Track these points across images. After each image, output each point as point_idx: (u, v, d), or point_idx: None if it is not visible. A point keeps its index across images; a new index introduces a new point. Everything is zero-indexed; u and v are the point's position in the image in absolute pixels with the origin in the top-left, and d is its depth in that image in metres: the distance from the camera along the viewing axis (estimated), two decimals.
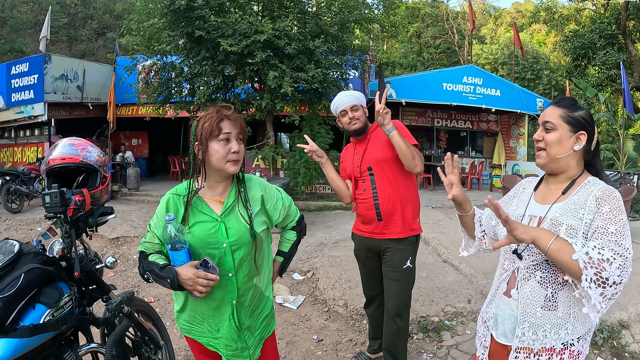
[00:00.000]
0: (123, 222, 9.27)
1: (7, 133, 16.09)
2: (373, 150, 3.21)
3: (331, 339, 4.35)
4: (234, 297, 1.97)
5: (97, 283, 2.75)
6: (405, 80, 14.33)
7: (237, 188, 2.01)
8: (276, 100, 9.26)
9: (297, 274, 6.12)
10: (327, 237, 7.85)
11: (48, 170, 2.57)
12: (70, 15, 30.86)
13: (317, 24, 9.52)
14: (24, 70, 14.13)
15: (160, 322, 3.46)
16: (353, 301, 5.05)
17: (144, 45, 10.96)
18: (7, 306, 2.03)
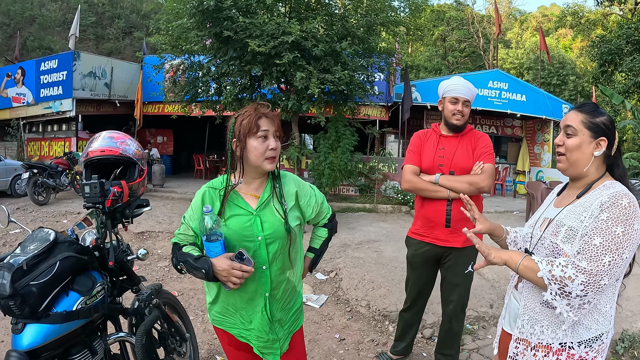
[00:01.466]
0: (148, 217, 9.39)
1: (35, 127, 16.47)
2: (461, 156, 3.08)
3: (353, 339, 4.35)
4: (267, 289, 2.00)
5: (127, 274, 2.80)
6: (431, 83, 14.28)
7: (273, 183, 2.05)
8: (302, 101, 9.30)
9: (320, 274, 6.13)
10: (350, 239, 7.87)
11: (87, 162, 2.63)
12: (97, 14, 31.41)
13: (343, 26, 9.55)
14: (53, 66, 14.44)
15: (186, 314, 3.50)
16: (375, 302, 5.06)
17: (172, 44, 11.08)
18: (41, 293, 2.08)
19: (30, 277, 2.08)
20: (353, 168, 11.02)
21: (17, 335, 2.06)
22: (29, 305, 2.04)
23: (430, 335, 4.36)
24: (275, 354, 2.07)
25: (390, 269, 6.11)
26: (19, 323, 2.07)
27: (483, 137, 3.14)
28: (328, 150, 10.56)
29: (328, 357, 3.99)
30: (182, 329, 3.22)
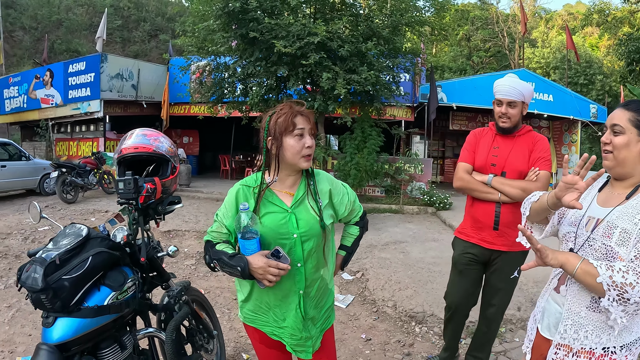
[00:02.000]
0: (174, 216, 9.48)
1: (64, 128, 16.83)
2: (516, 157, 2.98)
3: (379, 339, 4.32)
4: (301, 287, 1.99)
5: (158, 270, 2.81)
6: (456, 84, 14.18)
7: (307, 181, 2.04)
8: (328, 102, 9.28)
9: (346, 274, 6.10)
10: (376, 239, 7.83)
11: (120, 159, 2.65)
12: (123, 17, 32.03)
13: (368, 27, 9.50)
14: (81, 68, 14.72)
15: (213, 312, 3.51)
16: (402, 303, 5.02)
17: (198, 46, 11.17)
18: (73, 287, 2.10)
19: (63, 271, 2.09)
20: (379, 169, 10.95)
21: (48, 328, 2.07)
22: (60, 299, 2.05)
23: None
24: (308, 352, 2.05)
25: (416, 270, 6.06)
26: (50, 317, 2.08)
27: (541, 140, 3.02)
28: (354, 151, 10.52)
29: (354, 357, 3.97)
30: (210, 326, 3.23)
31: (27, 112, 16.94)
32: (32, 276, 2.02)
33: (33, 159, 13.40)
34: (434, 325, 4.55)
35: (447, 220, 9.42)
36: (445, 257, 6.58)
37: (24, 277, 2.05)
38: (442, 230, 8.76)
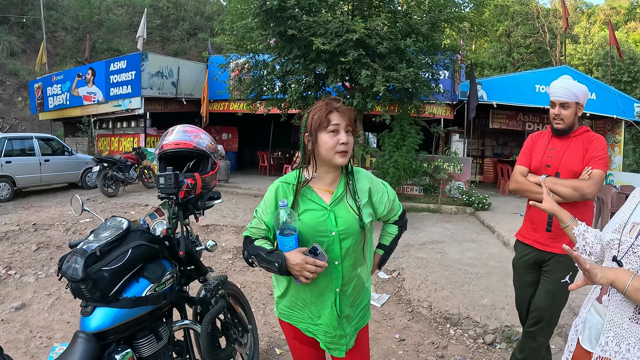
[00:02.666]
0: (213, 211, 9.62)
1: (105, 124, 17.28)
2: (571, 158, 2.93)
3: (413, 340, 4.27)
4: (338, 285, 1.97)
5: (196, 264, 2.86)
6: (497, 81, 13.86)
7: (346, 179, 2.03)
8: (367, 99, 9.20)
9: (382, 273, 6.04)
10: (414, 239, 7.74)
11: (161, 155, 2.71)
12: (163, 17, 32.72)
13: (407, 23, 9.39)
14: (122, 67, 15.05)
15: (249, 306, 3.55)
16: (438, 304, 4.94)
17: (237, 44, 11.26)
18: (113, 278, 2.14)
19: (103, 262, 2.14)
20: (418, 167, 10.81)
21: (86, 317, 2.13)
22: (99, 289, 2.10)
23: (492, 342, 4.20)
24: (341, 350, 2.04)
25: (453, 271, 5.95)
26: (89, 306, 2.14)
27: (597, 139, 2.95)
28: (393, 149, 10.42)
29: (387, 357, 3.94)
30: (245, 320, 3.26)
31: (70, 109, 17.44)
32: (73, 267, 2.07)
33: (75, 154, 13.86)
34: (469, 328, 4.46)
35: (486, 221, 9.23)
36: (483, 259, 6.48)
37: (65, 267, 2.11)
38: (480, 231, 8.59)
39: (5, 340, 4.25)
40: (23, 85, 23.27)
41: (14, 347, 4.14)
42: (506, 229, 8.11)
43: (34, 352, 4.04)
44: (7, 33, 25.53)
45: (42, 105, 18.86)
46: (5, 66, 24.15)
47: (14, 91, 23.57)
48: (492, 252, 6.92)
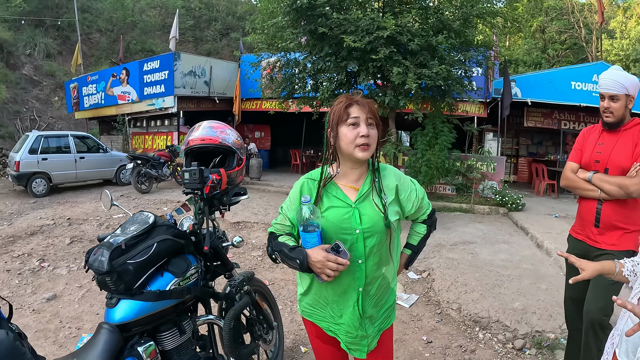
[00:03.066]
0: (244, 208, 9.70)
1: (140, 123, 17.66)
2: (619, 153, 2.84)
3: (440, 342, 4.18)
4: (361, 284, 1.93)
5: (222, 260, 2.86)
6: (531, 78, 13.48)
7: (372, 176, 1.98)
8: (399, 97, 9.08)
9: (412, 273, 5.96)
10: (445, 239, 7.60)
11: (187, 150, 2.72)
12: (195, 17, 33.24)
13: (439, 19, 9.24)
14: (155, 67, 15.30)
15: (275, 303, 3.53)
16: (467, 306, 4.83)
17: (268, 43, 11.29)
18: (137, 271, 2.17)
19: (128, 256, 2.17)
20: (450, 166, 10.63)
21: (111, 309, 2.17)
22: (124, 282, 2.13)
23: (521, 347, 4.06)
24: (362, 351, 1.99)
25: (484, 273, 5.80)
26: (114, 298, 2.17)
27: None
28: (425, 147, 10.27)
29: (413, 359, 3.87)
30: (270, 317, 3.25)
31: (105, 108, 17.82)
32: (99, 259, 2.11)
33: (110, 151, 14.19)
34: (499, 332, 4.33)
35: (519, 222, 9.00)
36: (515, 261, 6.31)
37: (92, 259, 2.15)
38: (513, 232, 8.37)
39: (35, 329, 4.36)
40: (59, 85, 23.86)
41: (44, 336, 4.24)
42: (540, 231, 7.89)
43: (62, 342, 4.12)
44: (44, 35, 26.20)
45: (77, 105, 19.34)
46: (42, 67, 24.80)
47: (51, 91, 24.20)
48: (525, 254, 6.72)
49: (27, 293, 5.35)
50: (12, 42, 24.01)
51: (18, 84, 22.95)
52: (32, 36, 25.39)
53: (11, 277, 5.84)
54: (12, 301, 5.07)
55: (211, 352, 2.65)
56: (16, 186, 12.76)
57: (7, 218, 9.25)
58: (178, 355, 2.35)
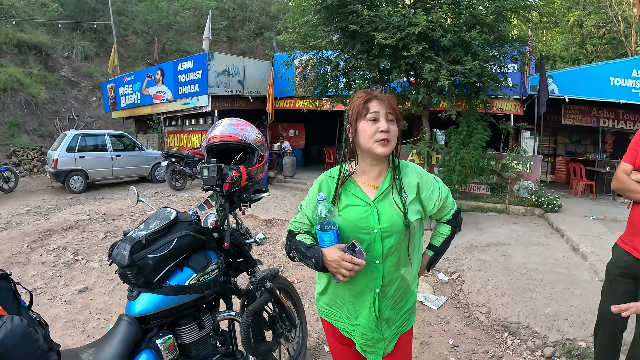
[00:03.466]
0: (276, 206, 9.76)
1: (175, 121, 17.91)
2: None
3: (467, 347, 4.08)
4: (378, 285, 1.87)
5: (244, 256, 2.88)
6: (568, 74, 13.02)
7: (393, 174, 1.92)
8: (432, 94, 8.92)
9: (442, 274, 5.86)
10: (477, 240, 7.45)
11: (208, 147, 2.74)
12: (229, 18, 33.77)
13: (471, 14, 9.02)
14: (189, 67, 15.49)
15: (300, 302, 3.53)
16: (497, 310, 4.69)
17: (300, 41, 11.30)
18: (157, 265, 2.21)
19: (148, 250, 2.21)
20: (485, 165, 10.39)
21: (131, 301, 2.21)
22: (144, 275, 2.17)
23: (551, 355, 3.90)
24: (378, 354, 1.95)
25: (516, 276, 5.62)
26: (134, 291, 2.22)
27: None
28: (459, 146, 10.08)
29: None
30: (294, 315, 3.24)
31: (141, 108, 18.17)
32: (121, 253, 2.18)
33: (145, 150, 14.52)
34: (528, 338, 4.19)
35: (555, 223, 8.73)
36: (549, 265, 6.11)
37: (115, 253, 2.23)
38: (549, 234, 8.12)
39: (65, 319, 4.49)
40: (97, 86, 24.54)
41: (73, 326, 4.36)
42: (576, 233, 7.63)
43: (90, 332, 4.23)
44: (81, 38, 27.06)
45: (114, 105, 19.79)
46: (80, 69, 25.56)
47: (89, 92, 24.87)
48: (560, 258, 6.50)
49: (60, 284, 5.52)
50: (51, 45, 24.80)
51: (57, 85, 23.67)
52: (69, 39, 26.24)
53: (46, 269, 6.05)
54: (45, 292, 5.26)
55: (231, 348, 2.66)
56: (54, 183, 13.25)
57: (44, 213, 9.55)
58: (196, 349, 2.38)
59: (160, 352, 2.15)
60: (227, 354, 2.57)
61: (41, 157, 18.14)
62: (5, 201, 11.31)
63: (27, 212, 9.82)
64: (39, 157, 18.19)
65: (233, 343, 2.68)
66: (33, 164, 17.70)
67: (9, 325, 1.42)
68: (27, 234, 7.78)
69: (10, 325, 1.42)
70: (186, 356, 2.37)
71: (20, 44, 23.15)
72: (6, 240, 7.41)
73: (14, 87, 20.22)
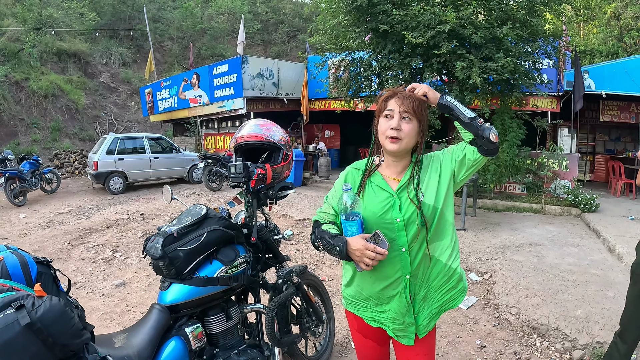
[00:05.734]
0: (311, 206, 9.85)
1: (211, 124, 18.32)
2: None
3: (494, 348, 4.05)
4: (407, 272, 1.92)
5: (273, 252, 2.99)
6: (605, 68, 12.61)
7: (412, 170, 1.98)
8: (465, 93, 8.82)
9: (473, 274, 5.82)
10: (511, 240, 7.34)
11: (236, 147, 2.86)
12: (262, 22, 34.44)
13: (503, 10, 8.84)
14: (224, 70, 15.78)
15: (328, 298, 3.59)
16: (527, 311, 4.63)
17: (332, 42, 11.31)
18: (187, 258, 2.34)
19: (179, 243, 2.34)
20: (520, 164, 10.24)
21: (163, 292, 2.34)
22: (175, 267, 2.30)
23: (580, 358, 3.82)
24: (410, 337, 1.99)
25: (549, 277, 5.50)
26: (166, 282, 2.35)
27: None
28: None
29: None
30: (321, 311, 3.33)
31: (178, 111, 18.61)
32: (154, 246, 2.31)
33: (182, 152, 14.87)
34: (557, 341, 4.12)
35: (592, 223, 8.49)
36: (583, 266, 5.95)
37: (149, 246, 2.35)
38: (585, 234, 7.90)
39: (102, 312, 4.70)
40: (135, 91, 25.28)
41: (109, 317, 4.57)
42: (613, 234, 7.40)
43: (126, 324, 4.43)
44: (118, 45, 28.06)
45: (152, 109, 20.34)
46: (118, 75, 26.42)
47: (127, 97, 25.66)
48: (595, 259, 6.32)
49: (98, 279, 5.76)
50: (89, 52, 25.76)
51: (96, 91, 24.51)
52: (107, 47, 27.21)
53: (85, 264, 6.32)
54: (85, 286, 5.52)
55: (257, 340, 2.76)
56: (95, 184, 13.76)
57: (85, 213, 9.92)
58: (224, 339, 2.49)
59: (188, 339, 2.27)
60: (253, 345, 2.66)
61: (82, 159, 18.82)
62: (48, 201, 11.81)
63: (69, 211, 10.23)
64: (80, 160, 18.89)
65: (260, 335, 2.77)
66: (74, 167, 18.39)
67: (48, 304, 1.55)
68: (69, 232, 8.09)
69: (49, 304, 1.56)
70: (213, 345, 2.48)
71: (60, 53, 24.06)
72: (48, 238, 7.75)
73: (55, 94, 21.03)
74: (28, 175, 11.87)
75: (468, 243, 7.17)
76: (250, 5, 34.93)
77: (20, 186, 11.41)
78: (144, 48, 28.55)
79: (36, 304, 1.54)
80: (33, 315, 1.50)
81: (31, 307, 1.52)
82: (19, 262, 1.88)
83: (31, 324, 1.49)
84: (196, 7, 32.73)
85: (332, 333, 3.54)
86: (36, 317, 1.51)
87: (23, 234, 8.26)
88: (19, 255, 1.91)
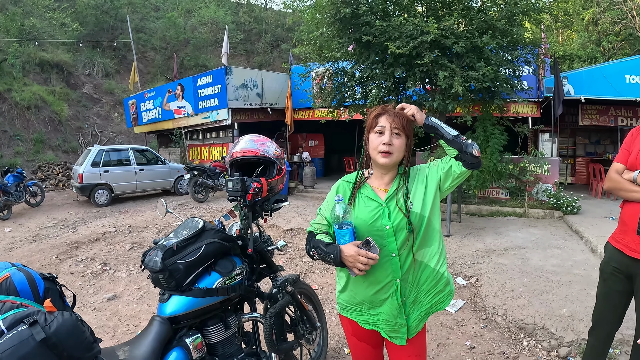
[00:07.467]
0: (297, 215, 9.91)
1: (196, 135, 18.23)
2: None
3: (483, 348, 4.16)
4: (397, 275, 2.04)
5: (267, 262, 3.07)
6: (583, 74, 12.85)
7: (399, 181, 2.11)
8: (447, 101, 8.96)
9: (460, 278, 5.94)
10: (495, 244, 7.52)
11: (232, 162, 2.95)
12: (245, 32, 34.40)
13: (483, 20, 9.03)
14: (208, 81, 15.75)
15: (320, 306, 3.68)
16: (513, 312, 4.77)
17: (316, 53, 11.42)
18: (187, 270, 2.42)
19: (179, 256, 2.41)
20: (503, 169, 10.43)
21: (163, 304, 2.41)
22: (175, 279, 2.38)
23: (566, 355, 3.96)
24: (402, 338, 2.10)
25: (533, 279, 5.67)
26: (166, 294, 2.42)
27: None
28: None
29: None
30: (314, 318, 3.40)
31: (162, 122, 18.49)
32: (154, 259, 2.38)
33: (168, 163, 14.84)
34: (543, 339, 4.26)
35: (574, 225, 8.72)
36: (567, 267, 6.15)
37: (147, 260, 2.42)
38: (568, 236, 8.13)
39: (95, 325, 4.72)
40: (118, 102, 25.06)
41: (103, 332, 4.59)
42: (595, 235, 7.62)
43: (120, 337, 4.46)
44: (101, 56, 27.79)
45: (136, 120, 20.18)
46: (101, 86, 26.18)
47: (111, 108, 25.42)
48: (577, 260, 6.53)
49: (89, 293, 5.78)
50: (72, 63, 25.46)
51: (79, 102, 24.24)
52: (90, 57, 26.91)
53: (75, 279, 6.31)
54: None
55: (254, 348, 2.84)
56: (80, 197, 13.65)
57: (71, 226, 9.88)
58: (223, 348, 2.57)
59: (189, 349, 2.35)
60: (251, 353, 2.75)
61: (66, 172, 18.67)
62: (33, 215, 11.70)
63: (55, 225, 10.16)
64: (64, 172, 18.74)
65: (257, 343, 2.86)
66: (58, 179, 18.26)
67: (60, 319, 1.62)
68: (56, 245, 8.06)
69: (62, 319, 1.62)
70: (213, 354, 2.55)
71: (42, 63, 23.78)
72: (35, 252, 7.72)
73: (38, 105, 20.78)
74: (12, 188, 11.79)
75: (454, 248, 7.31)
76: (233, 15, 34.96)
77: (5, 199, 11.31)
78: (127, 58, 28.42)
79: (48, 320, 1.60)
80: (47, 331, 1.57)
81: (44, 323, 1.58)
82: (26, 279, 1.95)
83: (46, 339, 1.55)
84: (179, 17, 32.67)
85: (325, 339, 3.62)
86: (50, 332, 1.57)
87: (9, 249, 8.22)
88: (25, 272, 1.98)
